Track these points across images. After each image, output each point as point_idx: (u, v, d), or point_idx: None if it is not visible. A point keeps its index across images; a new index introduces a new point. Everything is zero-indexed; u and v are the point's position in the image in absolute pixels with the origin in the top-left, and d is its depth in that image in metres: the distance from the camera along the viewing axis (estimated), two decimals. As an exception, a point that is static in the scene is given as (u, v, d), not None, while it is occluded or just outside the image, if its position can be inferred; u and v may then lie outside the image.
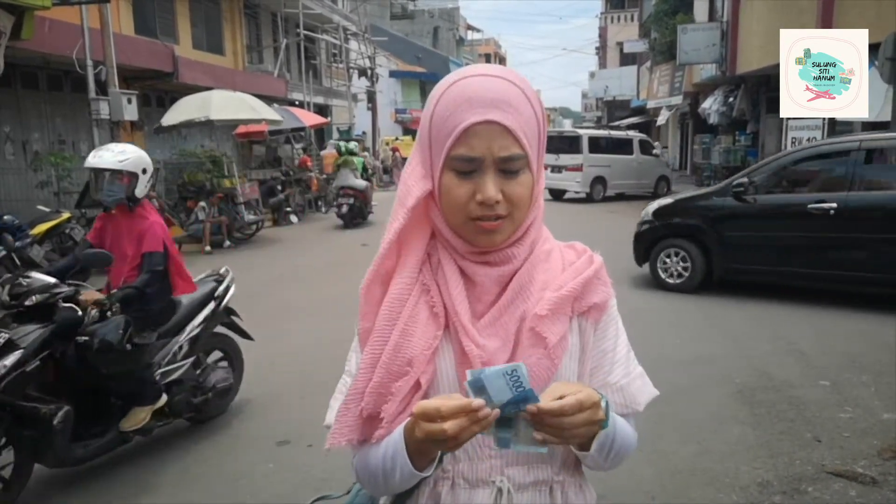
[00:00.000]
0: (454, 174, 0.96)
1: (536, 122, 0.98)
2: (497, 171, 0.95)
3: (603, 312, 1.08)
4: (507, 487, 1.02)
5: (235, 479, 3.51)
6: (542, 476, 1.05)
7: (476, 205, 0.96)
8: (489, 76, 0.97)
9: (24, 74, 11.67)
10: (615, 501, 3.17)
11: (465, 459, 1.03)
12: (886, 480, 3.34)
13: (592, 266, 1.08)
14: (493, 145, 0.94)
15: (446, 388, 1.01)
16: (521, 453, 0.97)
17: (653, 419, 3.89)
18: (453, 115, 0.95)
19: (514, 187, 0.97)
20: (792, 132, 12.73)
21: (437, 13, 50.60)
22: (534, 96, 0.98)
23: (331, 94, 25.88)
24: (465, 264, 1.02)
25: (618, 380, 1.08)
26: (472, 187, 0.96)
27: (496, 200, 0.95)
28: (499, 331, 1.00)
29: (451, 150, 0.95)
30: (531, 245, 1.05)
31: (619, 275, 6.38)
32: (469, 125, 0.94)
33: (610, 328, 1.09)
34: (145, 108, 14.01)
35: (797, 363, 5.11)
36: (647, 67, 29.34)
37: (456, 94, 0.96)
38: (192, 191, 12.31)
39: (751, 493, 3.25)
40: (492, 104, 0.94)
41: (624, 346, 1.11)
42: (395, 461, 0.97)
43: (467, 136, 0.94)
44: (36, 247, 7.64)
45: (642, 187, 19.12)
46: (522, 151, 0.96)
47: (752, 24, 15.24)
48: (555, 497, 1.06)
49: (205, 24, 17.60)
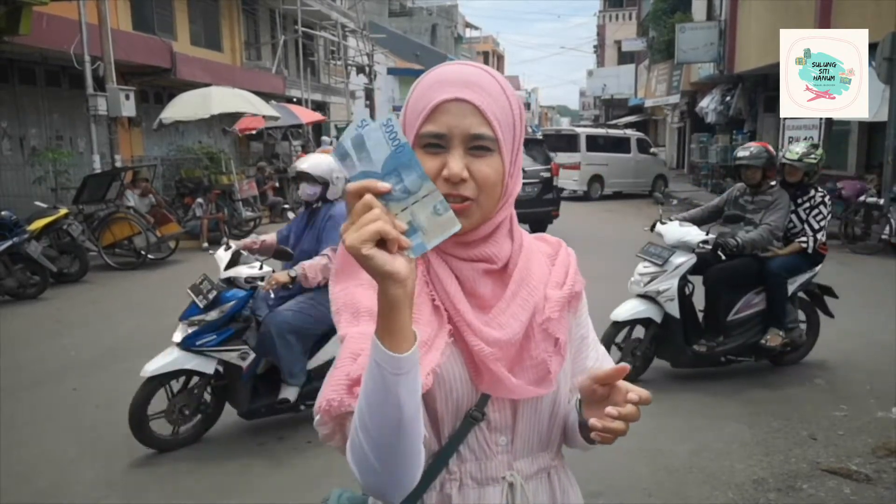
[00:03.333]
0: (422, 152, 0.95)
1: (511, 114, 0.98)
2: (465, 151, 0.95)
3: (580, 300, 1.13)
4: (519, 482, 1.03)
5: (232, 475, 3.52)
6: (543, 464, 1.08)
7: (442, 181, 0.93)
8: (466, 65, 0.99)
9: (22, 70, 11.64)
10: (612, 499, 3.18)
11: (473, 459, 1.02)
12: (881, 478, 3.36)
13: (572, 258, 1.13)
14: (462, 122, 0.94)
15: (456, 388, 0.99)
16: (439, 246, 0.84)
17: (649, 417, 3.90)
18: (425, 95, 0.96)
19: (481, 167, 0.95)
20: (789, 131, 12.74)
21: (435, 11, 50.54)
22: (511, 92, 0.99)
23: (329, 91, 25.84)
24: (450, 260, 1.01)
25: (592, 363, 1.13)
26: (440, 163, 0.94)
27: (462, 178, 0.93)
28: (510, 321, 1.00)
29: (421, 127, 0.95)
30: (515, 241, 1.05)
31: (618, 275, 6.40)
32: (440, 102, 0.94)
33: (583, 315, 1.14)
34: (143, 105, 13.98)
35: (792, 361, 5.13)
36: (645, 66, 29.36)
37: (430, 79, 0.98)
38: (190, 187, 12.30)
39: (746, 491, 3.27)
40: (464, 84, 0.95)
41: (592, 331, 1.17)
42: (371, 374, 0.82)
43: (438, 114, 0.94)
44: (33, 242, 7.63)
45: (639, 186, 19.15)
46: (492, 133, 0.95)
47: (750, 23, 15.27)
48: (552, 482, 1.10)
49: (203, 20, 17.56)
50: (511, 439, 1.04)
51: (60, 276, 8.24)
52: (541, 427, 1.06)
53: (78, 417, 4.31)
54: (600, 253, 8.69)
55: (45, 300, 7.61)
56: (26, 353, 5.63)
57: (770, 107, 15.92)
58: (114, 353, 5.62)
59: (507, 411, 1.03)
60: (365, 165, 0.79)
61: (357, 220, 0.76)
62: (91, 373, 5.14)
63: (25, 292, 7.59)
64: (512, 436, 1.04)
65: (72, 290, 8.12)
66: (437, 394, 0.99)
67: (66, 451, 3.83)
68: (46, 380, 4.99)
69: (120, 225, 9.56)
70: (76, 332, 6.30)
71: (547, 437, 1.08)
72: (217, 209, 11.77)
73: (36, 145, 11.75)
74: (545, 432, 1.07)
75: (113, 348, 5.76)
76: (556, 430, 1.09)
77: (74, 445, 3.90)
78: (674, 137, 30.32)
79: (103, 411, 4.37)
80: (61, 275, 8.27)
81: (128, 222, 9.58)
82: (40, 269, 7.71)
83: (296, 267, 3.66)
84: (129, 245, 9.69)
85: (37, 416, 4.34)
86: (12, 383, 4.86)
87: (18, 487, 3.41)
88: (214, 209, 11.71)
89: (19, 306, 7.34)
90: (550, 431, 1.08)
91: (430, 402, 0.99)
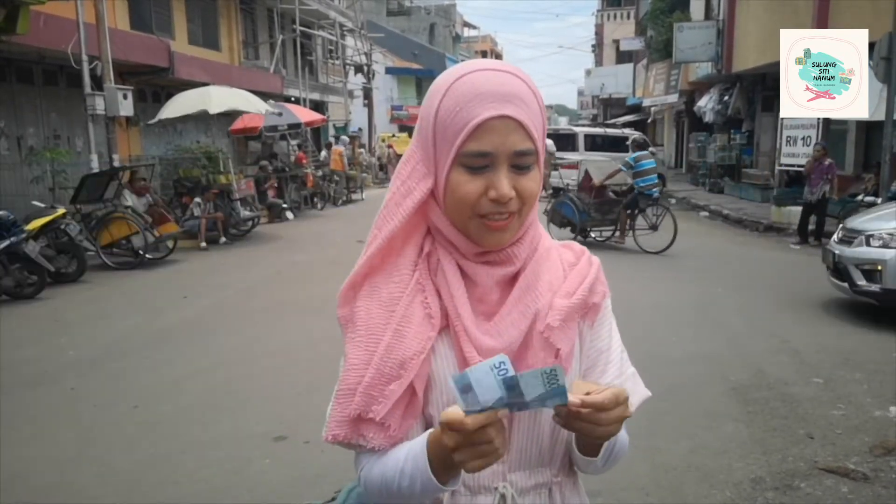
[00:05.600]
0: (464, 170, 0.94)
1: (541, 118, 0.98)
2: (509, 167, 0.94)
3: (598, 312, 1.07)
4: (511, 494, 1.01)
5: (232, 474, 3.52)
6: (542, 479, 1.04)
7: (488, 202, 0.93)
8: (497, 71, 0.95)
9: (19, 69, 11.61)
10: (610, 498, 3.19)
11: None
12: (878, 477, 3.37)
13: (593, 268, 1.08)
14: (507, 140, 0.92)
15: (446, 393, 0.98)
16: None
17: (647, 416, 3.91)
18: (464, 109, 0.92)
19: (526, 183, 0.95)
20: (787, 131, 12.78)
21: (433, 10, 50.49)
22: (537, 91, 0.98)
23: (327, 91, 25.81)
24: (465, 264, 1.00)
25: (610, 380, 1.05)
26: (484, 183, 0.93)
27: (511, 197, 0.93)
28: (509, 329, 0.98)
29: (463, 145, 0.93)
30: (531, 243, 1.03)
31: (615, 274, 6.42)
32: (483, 120, 0.91)
33: (604, 328, 1.08)
34: (141, 104, 13.95)
35: (791, 361, 5.14)
36: (643, 65, 29.39)
37: (465, 89, 0.93)
38: (188, 187, 12.29)
39: (744, 490, 3.28)
40: (505, 99, 0.92)
41: (618, 346, 1.10)
42: (414, 474, 0.92)
43: (480, 132, 0.92)
44: (31, 242, 7.62)
45: (638, 185, 19.16)
46: (534, 146, 0.94)
47: (748, 23, 15.28)
48: (553, 499, 1.06)
49: (201, 19, 17.54)
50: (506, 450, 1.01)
51: (58, 275, 8.23)
52: (541, 441, 1.02)
53: (76, 417, 4.30)
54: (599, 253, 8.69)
55: (42, 300, 7.60)
56: (24, 353, 5.62)
57: (768, 106, 15.94)
58: (112, 352, 5.63)
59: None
60: (472, 406, 0.81)
61: (475, 447, 0.82)
62: (89, 372, 5.14)
63: (23, 292, 7.58)
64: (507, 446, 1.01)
65: (69, 290, 8.11)
66: (431, 397, 0.99)
67: (64, 450, 3.82)
68: (44, 379, 4.98)
69: (118, 224, 9.55)
70: (74, 332, 6.29)
71: (549, 452, 1.04)
72: (215, 209, 11.76)
73: (33, 145, 11.72)
74: (546, 447, 1.03)
75: (111, 348, 5.76)
76: (561, 447, 1.05)
77: (72, 445, 3.89)
78: (672, 136, 30.34)
79: (101, 411, 4.37)
80: (59, 274, 8.26)
81: (126, 222, 9.57)
82: (38, 269, 7.70)
83: None
84: (127, 245, 9.68)
85: (35, 416, 4.33)
86: (10, 383, 4.85)
87: (17, 487, 3.40)
88: (212, 209, 11.70)
89: (17, 306, 7.33)
90: (553, 447, 1.04)
91: (424, 406, 0.99)
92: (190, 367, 5.19)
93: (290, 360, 5.35)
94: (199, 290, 8.00)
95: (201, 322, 6.65)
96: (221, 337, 6.05)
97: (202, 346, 5.80)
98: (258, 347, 5.72)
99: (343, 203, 18.63)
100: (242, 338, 5.99)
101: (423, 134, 0.98)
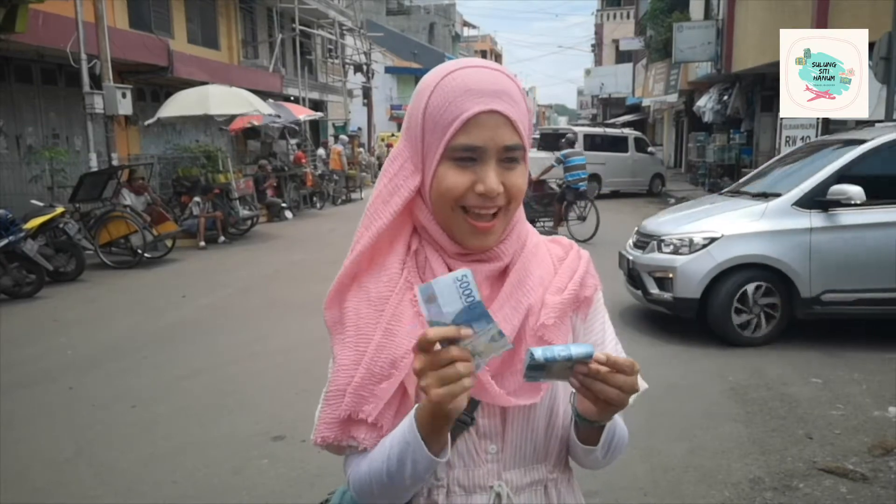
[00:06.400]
0: (452, 164, 0.94)
1: (528, 115, 0.99)
2: (497, 162, 0.94)
3: (590, 306, 1.07)
4: (506, 492, 1.00)
5: (230, 474, 3.52)
6: (537, 476, 1.04)
7: (475, 195, 0.94)
8: (486, 68, 0.96)
9: (18, 68, 11.60)
10: (608, 497, 3.19)
11: (461, 466, 1.00)
12: (877, 477, 3.37)
13: (582, 261, 1.08)
14: (496, 135, 0.93)
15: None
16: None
17: (646, 416, 3.91)
18: (454, 104, 0.93)
19: (513, 178, 0.95)
20: (786, 131, 12.77)
21: (433, 9, 50.53)
22: (523, 91, 0.99)
23: (326, 90, 25.81)
24: (453, 261, 1.00)
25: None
26: (471, 177, 0.94)
27: (499, 192, 0.94)
28: (501, 324, 0.96)
29: (452, 139, 0.93)
30: (518, 239, 1.03)
31: (615, 273, 6.41)
32: (473, 114, 0.92)
33: (597, 321, 1.09)
34: (140, 103, 13.94)
35: (789, 361, 5.14)
36: (642, 65, 29.37)
37: (455, 85, 0.93)
38: (187, 186, 12.28)
39: (742, 490, 3.28)
40: (494, 95, 0.93)
41: (612, 339, 1.10)
42: (403, 456, 0.91)
43: (470, 126, 0.92)
44: (30, 241, 7.61)
45: (637, 185, 19.20)
46: (521, 142, 0.95)
47: (747, 22, 15.28)
48: (549, 495, 1.05)
49: (200, 18, 17.53)
50: (501, 448, 1.01)
51: (57, 274, 8.22)
52: (536, 438, 1.02)
53: (74, 416, 4.30)
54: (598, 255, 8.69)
55: (41, 299, 7.59)
56: (23, 352, 5.61)
57: (767, 106, 15.93)
58: (110, 351, 5.62)
59: (496, 418, 1.00)
60: (435, 317, 0.82)
61: (439, 370, 0.81)
62: (88, 372, 5.13)
63: (22, 291, 7.57)
64: (502, 444, 1.01)
65: (68, 289, 8.10)
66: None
67: (62, 450, 3.82)
68: (43, 379, 4.98)
69: (116, 223, 9.55)
70: (72, 331, 6.28)
71: (544, 448, 1.04)
72: (214, 208, 11.75)
73: (32, 143, 11.72)
74: (541, 443, 1.03)
75: (109, 347, 5.75)
76: (556, 442, 1.05)
77: (71, 444, 3.89)
78: (671, 136, 30.36)
79: (100, 410, 4.36)
80: (58, 273, 8.26)
81: (124, 221, 9.57)
82: (36, 268, 7.70)
83: None
84: (126, 244, 9.68)
85: (33, 415, 4.33)
86: (9, 382, 4.85)
87: (15, 486, 3.40)
88: (211, 208, 11.69)
89: (15, 305, 7.32)
90: (548, 443, 1.04)
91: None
92: (188, 367, 5.18)
93: (288, 359, 5.35)
94: (197, 290, 8.00)
95: (200, 321, 6.65)
96: (220, 336, 6.05)
97: (201, 345, 5.79)
98: (257, 347, 5.71)
99: (342, 202, 18.65)
100: (241, 337, 5.99)
101: (412, 130, 0.98)
